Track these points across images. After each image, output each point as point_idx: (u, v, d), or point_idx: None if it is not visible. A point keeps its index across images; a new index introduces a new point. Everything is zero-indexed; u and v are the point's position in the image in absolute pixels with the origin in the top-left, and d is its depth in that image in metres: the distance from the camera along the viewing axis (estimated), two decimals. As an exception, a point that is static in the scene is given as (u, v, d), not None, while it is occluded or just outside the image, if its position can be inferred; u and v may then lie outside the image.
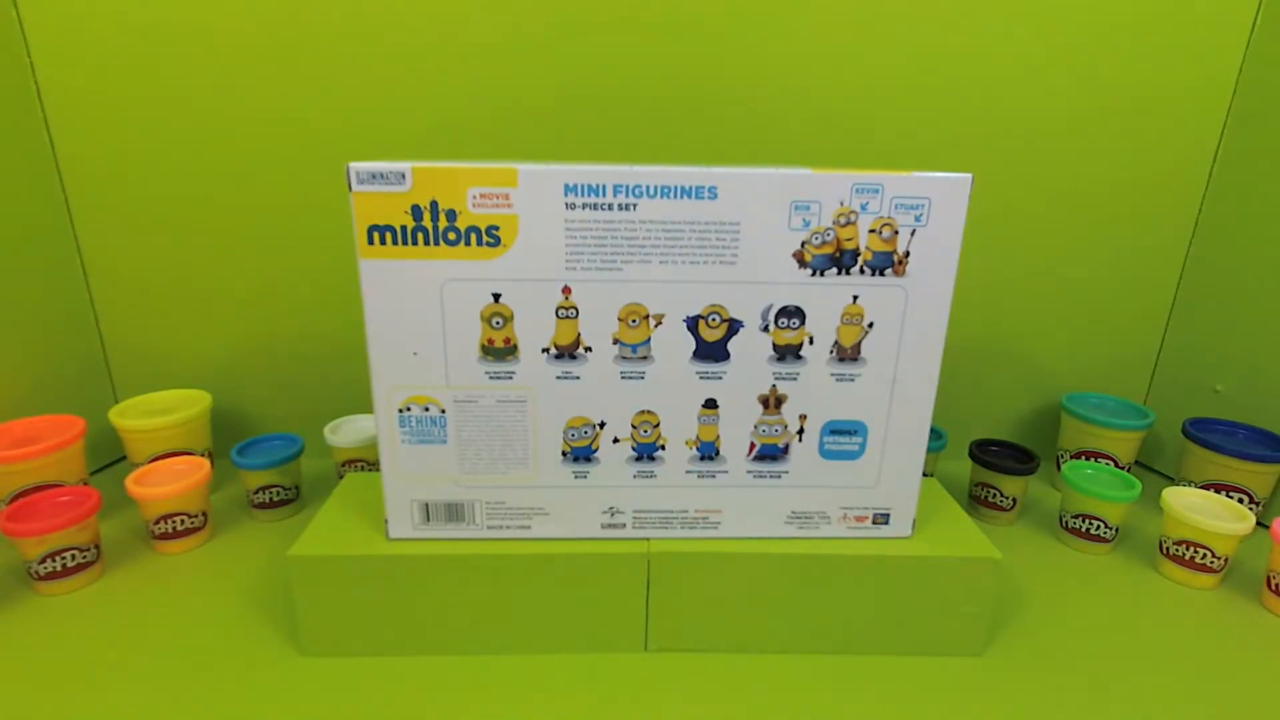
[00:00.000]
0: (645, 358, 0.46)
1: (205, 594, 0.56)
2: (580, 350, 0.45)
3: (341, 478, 0.65)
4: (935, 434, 0.73)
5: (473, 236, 0.42)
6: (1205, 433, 0.70)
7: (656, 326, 0.45)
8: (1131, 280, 0.77)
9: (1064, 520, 0.66)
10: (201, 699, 0.46)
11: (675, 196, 0.42)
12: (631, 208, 0.42)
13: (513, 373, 0.46)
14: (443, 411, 0.46)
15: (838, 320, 0.45)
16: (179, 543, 0.62)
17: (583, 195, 0.42)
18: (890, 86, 0.69)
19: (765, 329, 0.45)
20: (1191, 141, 0.72)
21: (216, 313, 0.75)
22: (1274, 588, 0.57)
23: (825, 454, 0.48)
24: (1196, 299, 0.76)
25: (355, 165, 0.41)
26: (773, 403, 0.47)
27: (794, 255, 0.44)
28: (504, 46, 0.67)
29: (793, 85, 0.69)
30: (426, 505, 0.48)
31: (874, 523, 0.50)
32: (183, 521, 0.61)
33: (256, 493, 0.67)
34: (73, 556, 0.56)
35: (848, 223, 0.43)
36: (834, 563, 0.49)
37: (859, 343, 0.46)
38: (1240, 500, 0.67)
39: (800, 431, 0.48)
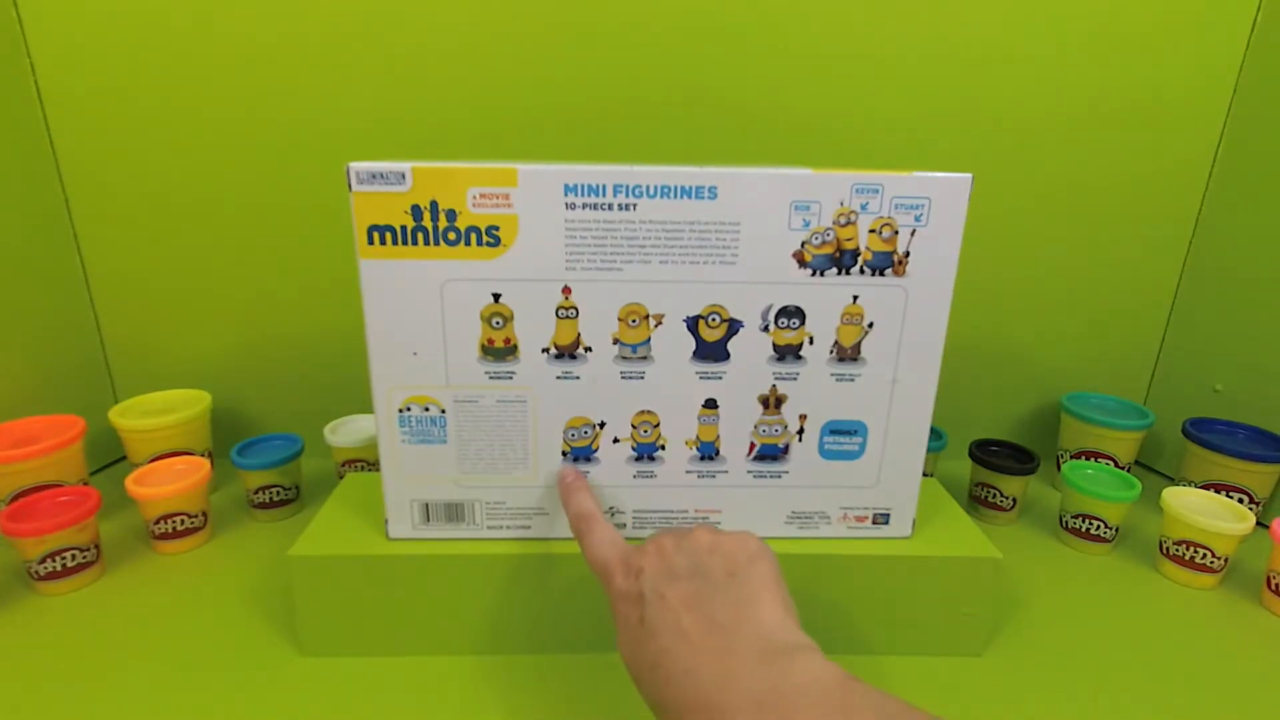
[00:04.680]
0: (645, 358, 0.46)
1: (205, 594, 0.56)
2: (580, 350, 0.45)
3: (341, 478, 0.65)
4: (935, 434, 0.73)
5: (473, 236, 0.42)
6: (1205, 433, 0.70)
7: (656, 326, 0.45)
8: (1131, 280, 0.77)
9: (1064, 520, 0.66)
10: (201, 699, 0.46)
11: (675, 196, 0.42)
12: (631, 208, 0.42)
13: (513, 373, 0.46)
14: (443, 411, 0.46)
15: (838, 320, 0.45)
16: (179, 543, 0.62)
17: (583, 195, 0.42)
18: (890, 86, 0.69)
19: (765, 329, 0.45)
20: (1191, 141, 0.72)
21: (216, 313, 0.75)
22: (1274, 588, 0.57)
23: (825, 454, 0.48)
24: (1196, 299, 0.76)
25: (355, 165, 0.41)
26: (773, 403, 0.47)
27: (794, 255, 0.44)
28: (504, 47, 0.67)
29: (793, 85, 0.69)
30: (426, 505, 0.48)
31: (874, 523, 0.50)
32: (183, 521, 0.61)
33: (256, 493, 0.67)
34: (73, 556, 0.56)
35: (848, 223, 0.43)
36: (834, 563, 0.49)
37: (859, 343, 0.46)
38: (1240, 500, 0.67)
39: (800, 431, 0.48)
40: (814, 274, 0.44)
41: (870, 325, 0.45)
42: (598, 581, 0.39)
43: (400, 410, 0.46)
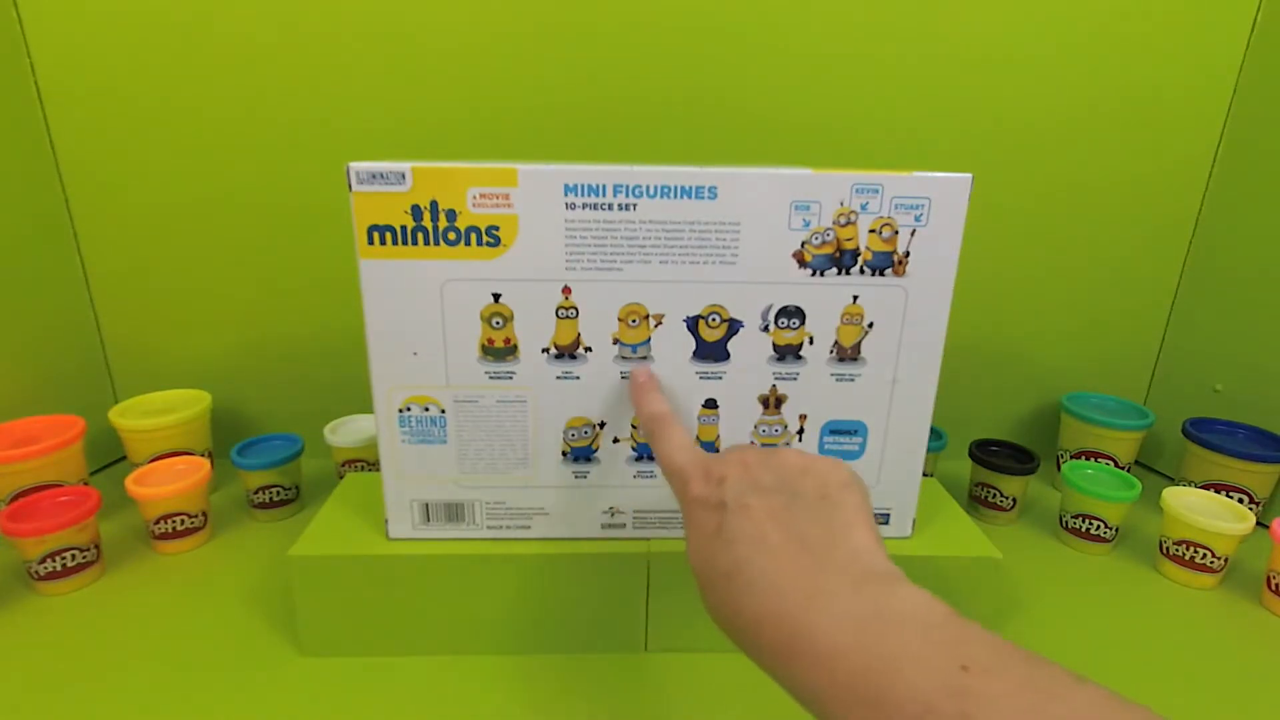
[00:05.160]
0: (645, 358, 0.46)
1: (205, 594, 0.56)
2: (580, 350, 0.45)
3: (341, 478, 0.65)
4: (935, 434, 0.72)
5: (473, 236, 0.42)
6: (1205, 433, 0.70)
7: (656, 326, 0.45)
8: (1131, 280, 0.77)
9: (1064, 520, 0.66)
10: (201, 699, 0.46)
11: (675, 196, 0.42)
12: (631, 208, 0.42)
13: (513, 373, 0.46)
14: (443, 411, 0.46)
15: (838, 320, 0.45)
16: (179, 543, 0.62)
17: (583, 195, 0.42)
18: (890, 86, 0.69)
19: (765, 329, 0.45)
20: (1191, 141, 0.72)
21: (216, 313, 0.75)
22: (1274, 588, 0.57)
23: (825, 454, 0.48)
24: (1196, 299, 0.76)
25: (355, 165, 0.41)
26: (773, 403, 0.47)
27: (794, 255, 0.44)
28: (503, 46, 0.67)
29: (793, 85, 0.69)
30: (426, 505, 0.48)
31: (874, 523, 0.50)
32: (183, 521, 0.61)
33: (256, 493, 0.67)
34: (73, 556, 0.56)
35: (848, 223, 0.43)
36: (834, 563, 0.49)
37: (859, 343, 0.46)
38: (1240, 500, 0.67)
39: (800, 431, 0.48)
40: (814, 274, 0.44)
41: (870, 325, 0.45)
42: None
43: (400, 410, 0.46)
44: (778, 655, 0.27)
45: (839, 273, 0.44)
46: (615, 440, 0.47)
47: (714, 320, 0.45)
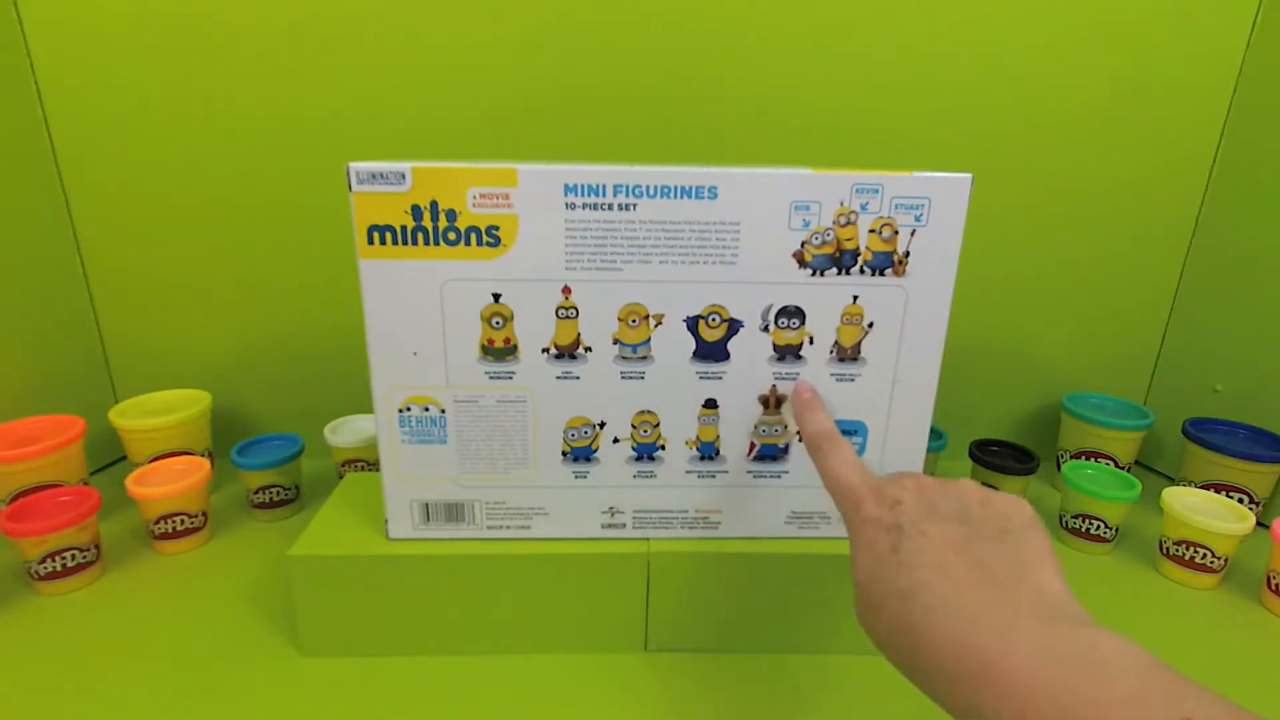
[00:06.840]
0: (645, 358, 0.46)
1: (205, 594, 0.56)
2: (580, 350, 0.45)
3: (341, 478, 0.65)
4: (935, 434, 0.72)
5: (473, 236, 0.42)
6: (1205, 433, 0.70)
7: (656, 326, 0.45)
8: (1131, 280, 0.77)
9: (1064, 520, 0.66)
10: (201, 699, 0.46)
11: (675, 196, 0.42)
12: (631, 208, 0.42)
13: (513, 373, 0.46)
14: (443, 411, 0.46)
15: (838, 320, 0.45)
16: (179, 543, 0.62)
17: (583, 195, 0.42)
18: (890, 86, 0.69)
19: (765, 329, 0.45)
20: (1192, 140, 0.72)
21: (216, 313, 0.75)
22: (1274, 588, 0.57)
23: (825, 454, 0.48)
24: (1196, 299, 0.76)
25: (355, 165, 0.41)
26: (773, 403, 0.47)
27: (794, 255, 0.44)
28: (504, 46, 0.67)
29: (793, 85, 0.69)
30: (426, 505, 0.48)
31: (874, 523, 0.50)
32: (183, 521, 0.61)
33: (256, 493, 0.67)
34: (73, 556, 0.56)
35: (848, 223, 0.43)
36: (834, 563, 0.49)
37: (859, 343, 0.46)
38: (1240, 500, 0.67)
39: (800, 431, 0.48)
40: (814, 274, 0.44)
41: (870, 325, 0.45)
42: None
43: (400, 410, 0.46)
44: (960, 683, 0.26)
45: (839, 273, 0.44)
46: (615, 440, 0.47)
47: (714, 320, 0.45)
